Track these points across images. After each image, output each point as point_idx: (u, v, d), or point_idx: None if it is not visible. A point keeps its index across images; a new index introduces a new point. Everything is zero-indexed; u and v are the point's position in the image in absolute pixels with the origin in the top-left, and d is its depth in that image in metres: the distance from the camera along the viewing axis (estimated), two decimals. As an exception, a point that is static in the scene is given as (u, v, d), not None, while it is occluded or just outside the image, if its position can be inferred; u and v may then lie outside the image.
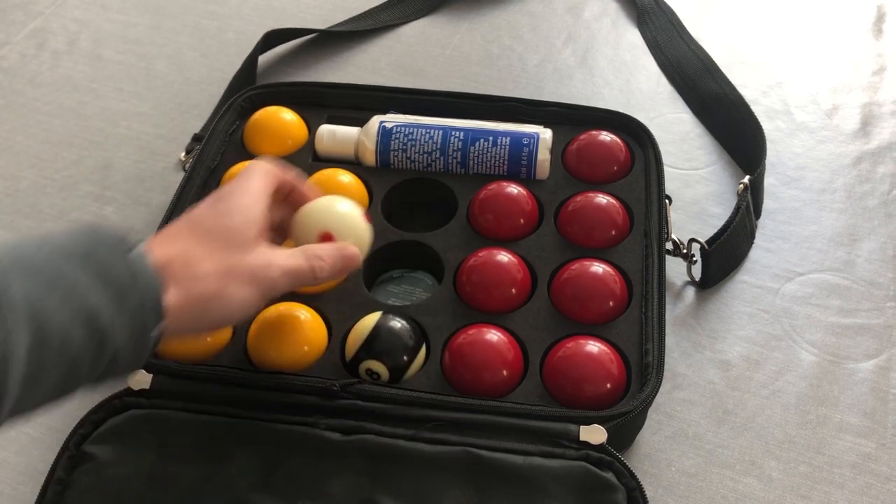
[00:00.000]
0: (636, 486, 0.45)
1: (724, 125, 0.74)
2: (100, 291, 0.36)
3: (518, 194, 0.61)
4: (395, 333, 0.52)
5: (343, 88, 0.70)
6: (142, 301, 0.38)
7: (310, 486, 0.46)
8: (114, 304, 0.36)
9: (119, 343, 0.37)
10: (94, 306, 0.36)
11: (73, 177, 0.72)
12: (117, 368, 0.38)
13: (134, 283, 0.37)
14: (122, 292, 0.37)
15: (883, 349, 0.59)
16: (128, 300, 0.37)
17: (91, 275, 0.36)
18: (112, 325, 0.36)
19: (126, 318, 0.37)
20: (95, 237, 0.38)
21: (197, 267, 0.41)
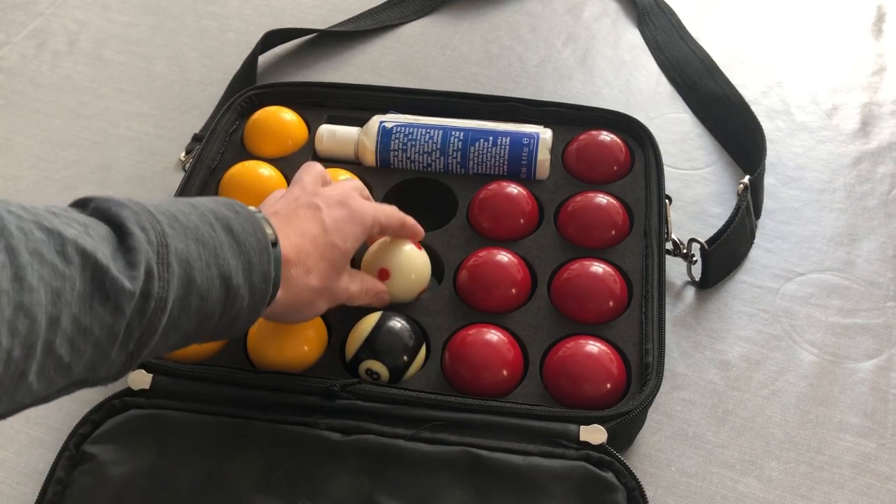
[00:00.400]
0: (636, 486, 0.45)
1: (724, 125, 0.74)
2: (236, 258, 0.40)
3: (518, 194, 0.61)
4: (395, 333, 0.52)
5: (343, 88, 0.70)
6: (264, 278, 0.42)
7: (310, 486, 0.46)
8: (243, 273, 0.41)
9: (242, 306, 0.41)
10: (232, 269, 0.40)
11: (73, 177, 0.72)
12: (230, 330, 0.43)
13: (260, 259, 0.42)
14: (250, 263, 0.41)
15: (883, 349, 0.59)
16: (254, 272, 0.41)
17: (231, 243, 0.41)
18: (239, 289, 0.41)
19: (248, 288, 0.41)
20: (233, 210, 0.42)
21: (308, 278, 0.46)
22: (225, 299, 0.40)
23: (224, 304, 0.40)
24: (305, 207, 0.48)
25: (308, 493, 0.46)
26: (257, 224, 0.43)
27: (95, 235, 0.35)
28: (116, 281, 0.34)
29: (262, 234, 0.42)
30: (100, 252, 0.34)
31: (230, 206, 0.43)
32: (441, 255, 0.59)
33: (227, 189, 0.63)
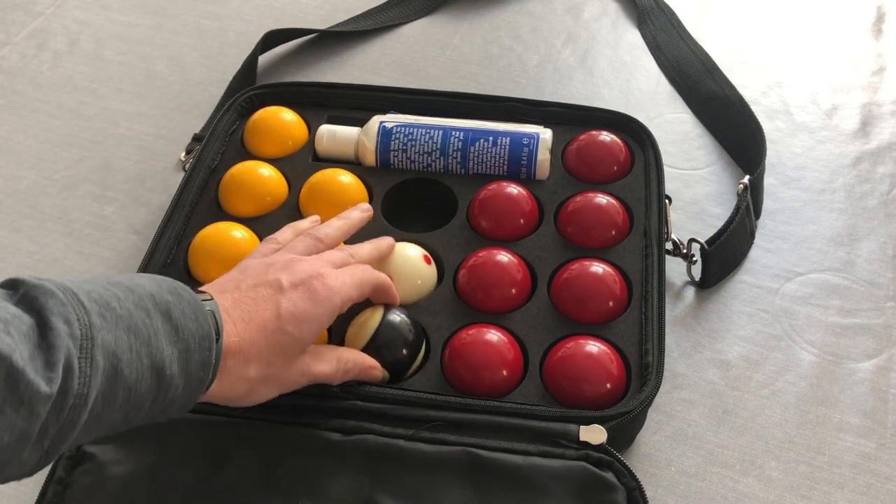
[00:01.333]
0: (636, 486, 0.45)
1: (724, 125, 0.74)
2: (172, 345, 0.39)
3: (518, 194, 0.61)
4: (396, 329, 0.52)
5: (343, 88, 0.70)
6: (203, 366, 0.40)
7: (310, 486, 0.46)
8: (179, 362, 0.39)
9: (176, 395, 0.39)
10: (166, 359, 0.38)
11: (73, 177, 0.72)
12: (163, 416, 0.40)
13: (199, 347, 0.40)
14: (188, 351, 0.39)
15: (882, 349, 0.59)
16: (191, 360, 0.39)
17: (168, 329, 0.39)
18: (173, 379, 0.39)
19: (183, 377, 0.39)
20: (176, 294, 0.40)
21: (246, 368, 0.44)
22: (157, 388, 0.38)
23: (156, 393, 0.38)
24: (267, 286, 0.45)
25: (308, 493, 0.46)
26: (199, 310, 0.40)
27: (16, 333, 0.33)
28: (32, 384, 0.32)
29: (205, 320, 0.40)
30: (17, 354, 0.32)
31: (174, 290, 0.41)
32: (441, 255, 0.59)
33: (227, 189, 0.63)
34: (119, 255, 0.66)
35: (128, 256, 0.66)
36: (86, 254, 0.66)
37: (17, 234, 0.68)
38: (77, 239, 0.67)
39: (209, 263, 0.57)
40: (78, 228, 0.68)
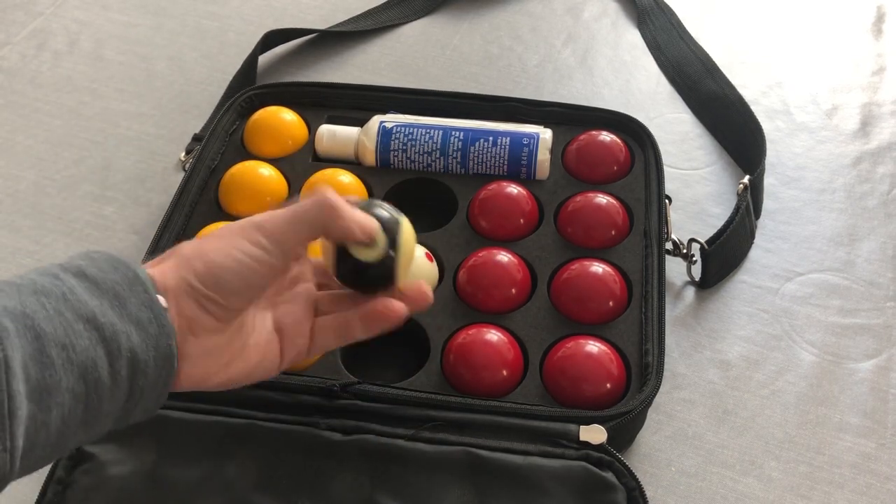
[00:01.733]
0: (636, 486, 0.45)
1: (724, 125, 0.74)
2: (96, 298, 0.35)
3: (518, 194, 0.61)
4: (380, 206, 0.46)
5: (343, 88, 0.70)
6: (149, 307, 0.37)
7: (310, 486, 0.46)
8: (114, 310, 0.35)
9: (135, 346, 0.35)
10: (95, 309, 0.35)
11: (73, 177, 0.72)
12: (148, 384, 0.36)
13: (132, 291, 0.37)
14: (118, 297, 0.36)
15: (882, 349, 0.59)
16: (128, 304, 0.36)
17: (86, 285, 0.36)
18: (115, 327, 0.35)
19: (132, 325, 0.36)
20: (87, 257, 0.38)
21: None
22: (102, 342, 0.34)
23: (105, 348, 0.34)
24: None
25: (308, 493, 0.46)
26: (118, 262, 0.37)
27: None
28: None
29: (127, 268, 0.37)
30: None
31: (84, 255, 0.38)
32: (441, 255, 0.59)
33: (227, 189, 0.63)
34: (119, 254, 0.66)
35: (128, 256, 0.65)
36: (86, 254, 0.66)
37: (17, 234, 0.68)
38: (77, 239, 0.67)
39: (209, 263, 0.57)
40: (78, 228, 0.68)
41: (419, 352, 0.54)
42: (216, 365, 0.41)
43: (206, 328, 0.40)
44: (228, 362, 0.41)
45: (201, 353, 0.40)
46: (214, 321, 0.40)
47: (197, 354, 0.39)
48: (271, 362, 0.43)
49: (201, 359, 0.40)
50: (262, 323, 0.43)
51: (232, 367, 0.41)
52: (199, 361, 0.40)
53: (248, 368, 0.42)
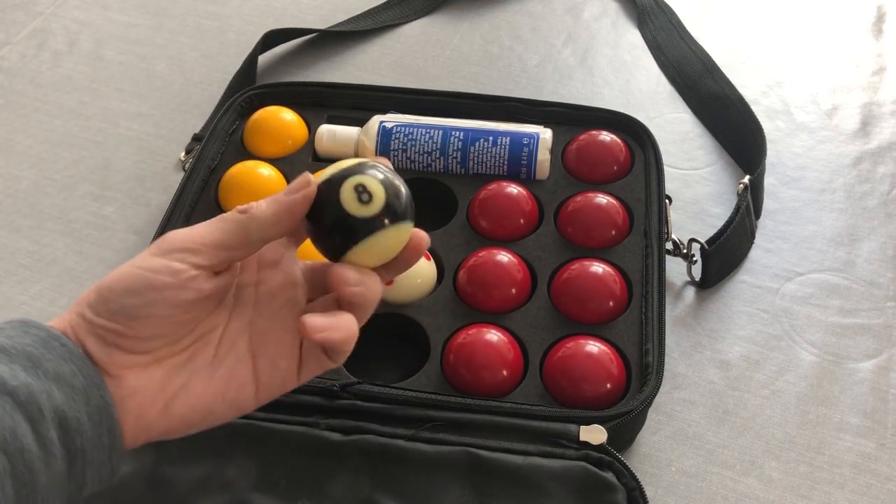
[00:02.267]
0: (636, 487, 0.45)
1: (724, 125, 0.74)
2: (3, 366, 0.31)
3: (518, 194, 0.61)
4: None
5: (343, 88, 0.70)
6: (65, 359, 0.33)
7: (310, 486, 0.46)
8: (27, 372, 0.31)
9: (60, 404, 0.31)
10: (1, 375, 0.31)
11: (73, 177, 0.72)
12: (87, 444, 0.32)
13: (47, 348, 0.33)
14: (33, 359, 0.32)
15: (883, 349, 0.59)
16: (43, 361, 0.32)
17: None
18: (31, 387, 0.31)
19: (51, 381, 0.32)
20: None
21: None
22: (17, 407, 0.30)
23: (23, 413, 0.30)
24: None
25: (308, 493, 0.46)
26: (26, 323, 0.34)
27: None
28: None
29: (37, 327, 0.33)
30: None
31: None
32: (441, 255, 0.59)
33: (227, 189, 0.63)
34: (119, 255, 0.66)
35: (127, 256, 0.65)
36: (85, 254, 0.66)
37: (17, 234, 0.68)
38: (77, 239, 0.67)
39: (209, 263, 0.57)
40: (78, 228, 0.68)
41: (419, 352, 0.54)
42: (151, 409, 0.35)
43: (119, 365, 0.34)
44: (168, 402, 0.35)
45: (125, 395, 0.34)
46: (125, 355, 0.34)
47: (120, 398, 0.34)
48: (239, 393, 0.37)
49: (128, 403, 0.34)
50: (224, 346, 0.37)
51: (173, 409, 0.35)
52: (128, 406, 0.34)
53: (202, 405, 0.36)
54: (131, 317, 0.34)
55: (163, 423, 0.35)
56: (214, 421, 0.37)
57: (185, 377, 0.36)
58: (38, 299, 0.63)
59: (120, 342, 0.34)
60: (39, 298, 0.63)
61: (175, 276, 0.34)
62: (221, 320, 0.38)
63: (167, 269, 0.34)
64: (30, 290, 0.64)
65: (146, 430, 0.35)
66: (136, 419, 0.35)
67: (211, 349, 0.37)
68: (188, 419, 0.36)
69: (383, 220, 0.37)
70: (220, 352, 0.37)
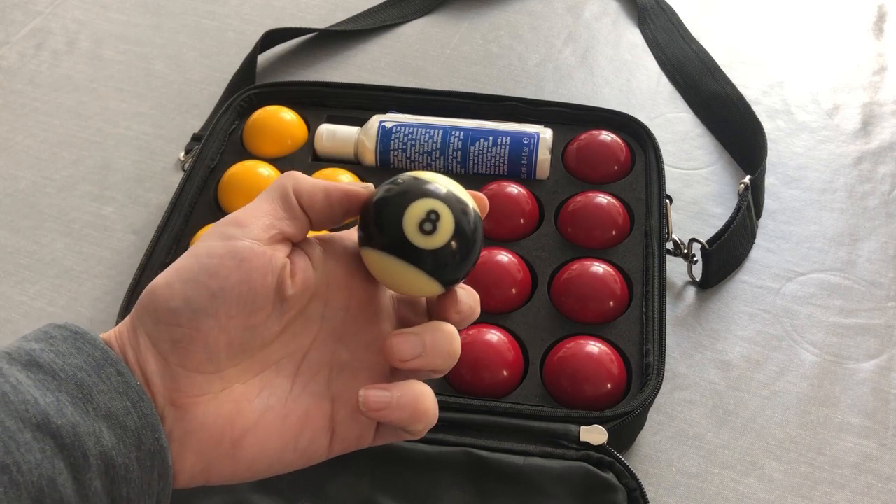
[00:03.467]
0: (636, 487, 0.45)
1: (725, 125, 0.74)
2: (51, 393, 0.28)
3: (518, 194, 0.61)
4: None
5: (343, 88, 0.70)
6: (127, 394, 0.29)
7: (310, 486, 0.46)
8: (75, 405, 0.28)
9: (109, 449, 0.28)
10: (49, 408, 0.27)
11: (72, 177, 0.72)
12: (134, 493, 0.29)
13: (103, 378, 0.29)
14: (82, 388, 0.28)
15: (884, 349, 0.59)
16: (95, 395, 0.28)
17: (40, 378, 0.28)
18: (77, 429, 0.27)
19: (103, 420, 0.28)
20: (46, 336, 0.30)
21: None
22: (59, 451, 0.27)
23: (66, 459, 0.27)
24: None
25: (308, 493, 0.46)
26: (80, 335, 0.30)
27: None
28: None
29: (92, 343, 0.29)
30: None
31: (43, 333, 0.30)
32: (441, 255, 0.59)
33: (226, 189, 0.62)
34: (118, 255, 0.66)
35: (127, 256, 0.65)
36: (85, 254, 0.66)
37: (17, 234, 0.67)
38: (76, 239, 0.67)
39: (208, 263, 0.57)
40: (77, 228, 0.68)
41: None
42: (217, 449, 0.31)
43: (186, 392, 0.30)
44: (236, 442, 0.31)
45: (190, 430, 0.30)
46: (191, 376, 0.30)
47: (183, 433, 0.30)
48: (313, 441, 0.32)
49: (191, 439, 0.30)
50: (302, 379, 0.33)
51: (241, 451, 0.31)
52: (191, 443, 0.30)
53: (272, 450, 0.32)
54: (196, 314, 0.30)
55: (227, 466, 0.31)
56: (281, 469, 0.32)
57: (258, 413, 0.31)
58: (38, 299, 0.63)
59: (184, 358, 0.30)
60: (39, 298, 0.63)
61: (241, 256, 0.30)
62: (299, 345, 0.33)
63: (230, 251, 0.30)
64: (29, 290, 0.63)
65: (205, 472, 0.31)
66: (197, 458, 0.30)
67: (286, 382, 0.33)
68: (255, 465, 0.31)
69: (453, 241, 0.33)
70: (295, 387, 0.33)
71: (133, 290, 0.55)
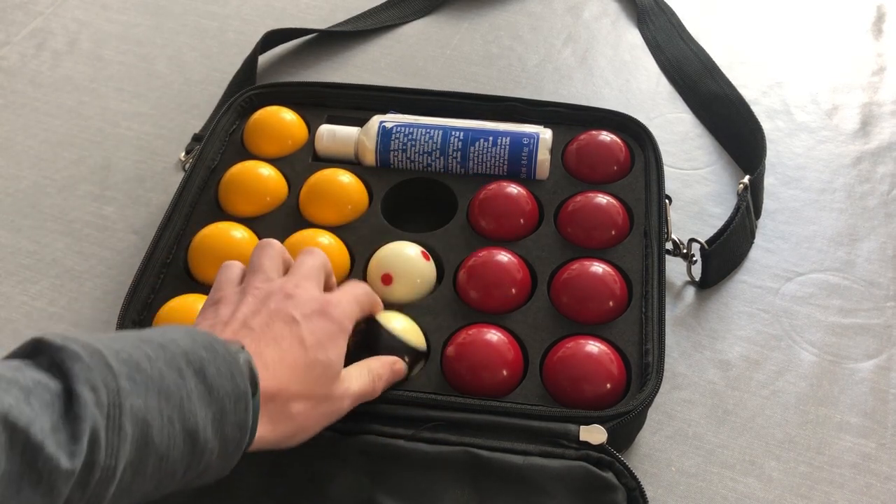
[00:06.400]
0: (636, 486, 0.45)
1: (724, 125, 0.74)
2: (206, 407, 0.37)
3: (518, 194, 0.61)
4: (397, 338, 0.52)
5: (343, 88, 0.70)
6: (239, 428, 0.38)
7: (310, 486, 0.46)
8: (213, 425, 0.37)
9: (211, 459, 0.37)
10: (200, 423, 0.36)
11: (73, 177, 0.72)
12: (198, 482, 0.38)
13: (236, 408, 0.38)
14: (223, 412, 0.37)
15: (883, 349, 0.59)
16: (226, 422, 0.37)
17: (201, 390, 0.37)
18: (207, 443, 0.37)
19: (218, 440, 0.37)
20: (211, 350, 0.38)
21: (288, 409, 0.42)
22: (191, 455, 0.36)
23: (189, 459, 0.36)
24: (281, 322, 0.43)
25: (308, 493, 0.46)
26: (236, 367, 0.38)
27: (37, 402, 0.31)
28: (51, 460, 0.30)
29: (241, 378, 0.38)
30: (36, 426, 0.30)
31: (209, 345, 0.38)
32: (441, 255, 0.59)
33: (227, 189, 0.63)
34: (119, 254, 0.66)
35: (128, 256, 0.66)
36: (86, 254, 0.66)
37: (17, 234, 0.68)
38: (77, 239, 0.67)
39: (209, 263, 0.57)
40: (78, 228, 0.68)
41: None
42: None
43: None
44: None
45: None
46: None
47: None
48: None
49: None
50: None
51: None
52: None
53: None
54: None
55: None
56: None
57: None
58: (38, 299, 0.63)
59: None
60: (39, 298, 0.63)
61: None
62: None
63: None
64: (30, 290, 0.64)
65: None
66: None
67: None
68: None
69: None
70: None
71: (133, 290, 0.55)
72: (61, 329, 0.61)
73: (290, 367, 0.42)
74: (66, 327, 0.61)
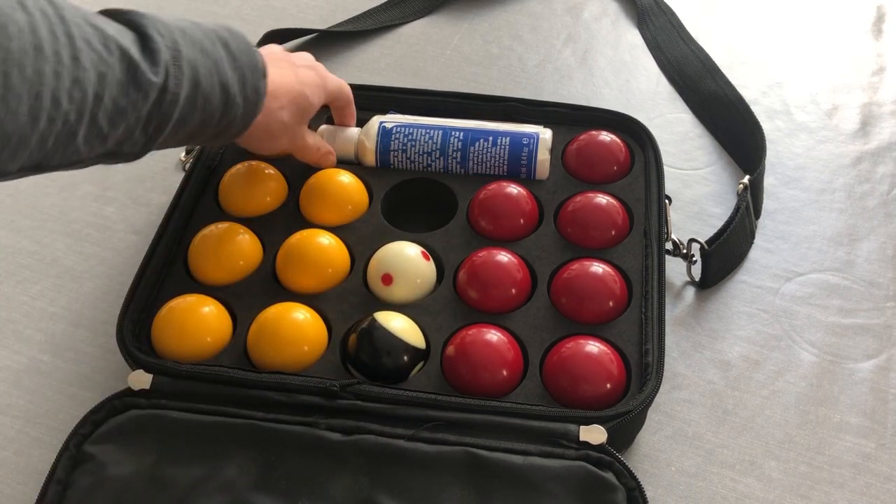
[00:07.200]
0: (636, 486, 0.45)
1: (724, 125, 0.74)
2: (232, 70, 0.48)
3: (518, 194, 0.61)
4: (396, 338, 0.52)
5: (343, 88, 0.70)
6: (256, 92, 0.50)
7: (310, 486, 0.46)
8: (238, 84, 0.49)
9: (237, 114, 0.49)
10: (230, 79, 0.48)
11: (73, 177, 0.72)
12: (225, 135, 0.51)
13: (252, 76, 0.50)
14: (244, 78, 0.49)
15: (882, 349, 0.59)
16: (247, 85, 0.49)
17: (228, 58, 0.48)
18: (235, 97, 0.48)
19: (242, 98, 0.49)
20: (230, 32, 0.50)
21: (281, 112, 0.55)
22: (223, 104, 0.48)
23: (223, 107, 0.48)
24: (282, 60, 0.56)
25: (308, 493, 0.46)
26: (250, 48, 0.50)
27: (126, 38, 0.42)
28: (145, 73, 0.42)
29: (255, 56, 0.50)
30: (133, 50, 0.42)
31: (228, 28, 0.50)
32: (441, 255, 0.59)
33: (227, 189, 0.63)
34: (119, 254, 0.66)
35: (128, 256, 0.66)
36: (86, 254, 0.66)
37: (17, 234, 0.68)
38: (77, 239, 0.67)
39: (209, 263, 0.57)
40: (78, 228, 0.68)
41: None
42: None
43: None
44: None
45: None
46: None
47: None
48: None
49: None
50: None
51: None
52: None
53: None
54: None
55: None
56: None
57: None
58: (39, 299, 0.63)
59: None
60: (40, 298, 0.63)
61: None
62: None
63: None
64: (30, 290, 0.64)
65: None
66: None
67: None
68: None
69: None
70: None
71: (134, 291, 0.55)
72: (61, 329, 0.61)
73: (287, 85, 0.55)
74: (66, 327, 0.61)
